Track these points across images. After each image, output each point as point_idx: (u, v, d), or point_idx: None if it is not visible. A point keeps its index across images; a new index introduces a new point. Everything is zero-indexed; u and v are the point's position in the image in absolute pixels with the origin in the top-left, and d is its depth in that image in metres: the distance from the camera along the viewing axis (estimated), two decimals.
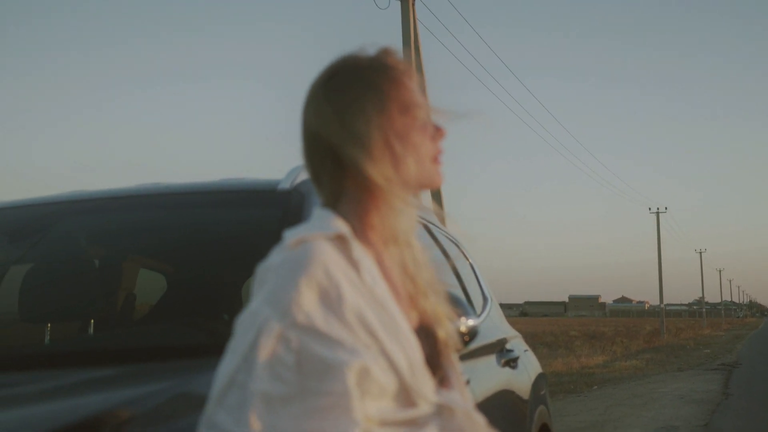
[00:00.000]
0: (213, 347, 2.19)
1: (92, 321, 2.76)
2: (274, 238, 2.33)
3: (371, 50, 1.48)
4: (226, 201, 2.83)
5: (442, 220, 3.93)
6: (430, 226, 3.48)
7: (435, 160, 1.47)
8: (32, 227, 2.88)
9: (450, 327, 1.52)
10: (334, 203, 1.45)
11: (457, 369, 1.54)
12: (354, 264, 1.37)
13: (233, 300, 2.76)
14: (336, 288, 1.31)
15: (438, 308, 1.51)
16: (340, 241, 1.38)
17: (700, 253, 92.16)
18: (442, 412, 1.41)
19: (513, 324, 4.50)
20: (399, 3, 17.23)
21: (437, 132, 1.48)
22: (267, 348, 1.26)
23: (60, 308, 2.79)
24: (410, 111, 1.44)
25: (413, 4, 17.24)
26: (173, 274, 3.08)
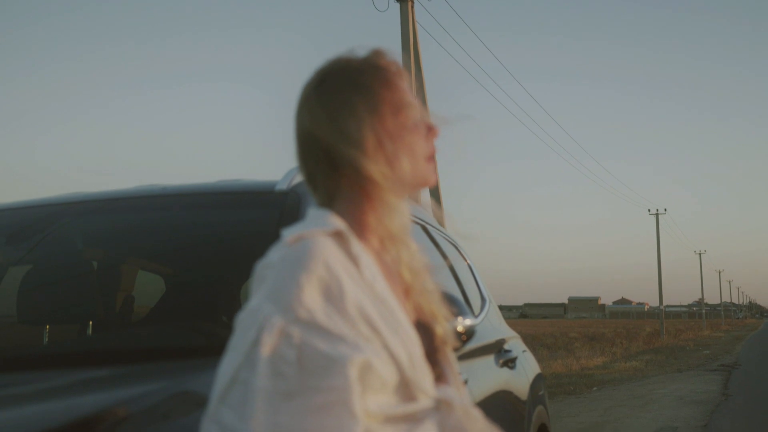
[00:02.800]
0: (209, 348, 2.20)
1: (90, 323, 2.76)
2: (272, 239, 2.34)
3: (362, 52, 1.49)
4: (223, 202, 2.83)
5: (441, 222, 3.93)
6: (428, 227, 3.48)
7: (429, 159, 1.48)
8: (31, 229, 2.88)
9: (446, 325, 1.53)
10: (329, 204, 1.47)
11: (454, 366, 1.55)
12: (353, 259, 1.38)
13: (231, 301, 2.76)
14: (337, 283, 1.32)
15: (434, 306, 1.52)
16: (338, 237, 1.39)
17: (700, 254, 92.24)
18: (440, 407, 1.42)
19: (512, 326, 4.51)
20: (398, 5, 17.27)
21: (430, 131, 1.49)
22: (269, 344, 1.27)
23: (58, 310, 2.79)
24: (402, 111, 1.45)
25: (412, 7, 17.26)
26: (171, 275, 3.09)
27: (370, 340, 1.32)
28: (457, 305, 2.21)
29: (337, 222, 1.40)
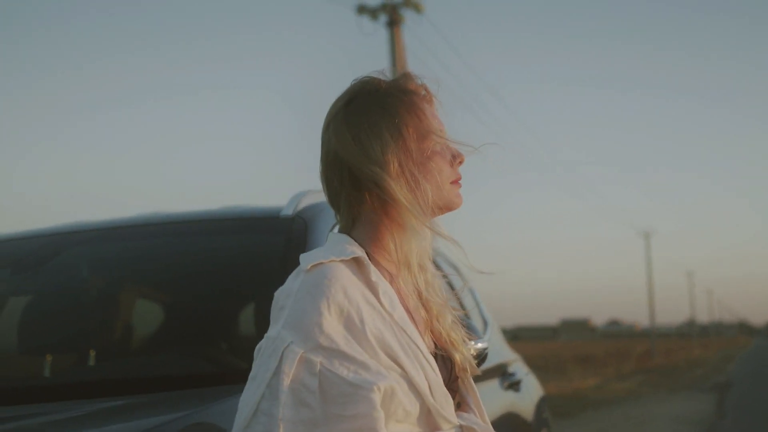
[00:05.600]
0: (218, 376, 2.18)
1: (91, 353, 2.73)
2: (279, 265, 2.33)
3: (392, 74, 1.49)
4: (228, 228, 2.82)
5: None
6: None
7: (454, 183, 1.47)
8: (32, 259, 2.86)
9: (466, 351, 1.52)
10: (350, 228, 1.46)
11: (475, 392, 1.54)
12: (371, 287, 1.37)
13: (237, 329, 2.75)
14: (357, 310, 1.31)
15: (452, 332, 1.51)
16: (356, 264, 1.38)
17: (690, 274, 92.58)
18: None
19: None
20: (384, 29, 17.33)
21: (455, 157, 1.48)
22: (290, 373, 1.25)
23: (58, 340, 2.76)
24: (428, 138, 1.45)
25: (399, 32, 17.32)
26: (173, 303, 3.06)
27: (390, 368, 1.31)
28: (472, 329, 2.20)
29: (355, 249, 1.39)
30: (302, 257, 1.39)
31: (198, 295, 2.73)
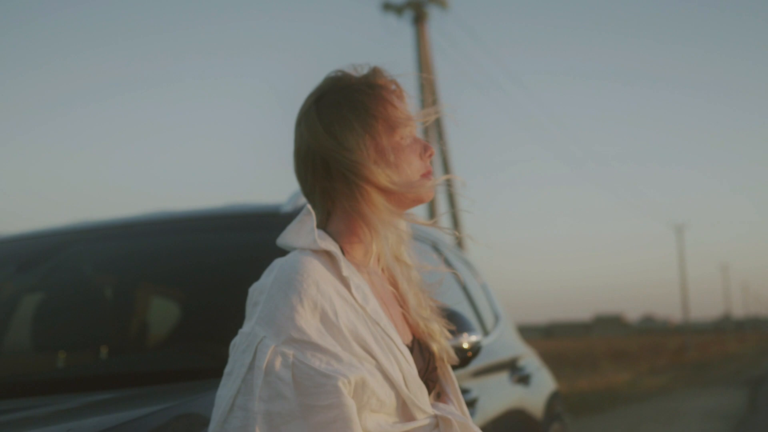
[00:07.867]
0: (216, 370, 2.22)
1: (106, 349, 2.78)
2: None
3: (363, 69, 1.50)
4: (230, 226, 2.86)
5: (459, 243, 3.91)
6: (439, 245, 3.48)
7: (425, 176, 1.49)
8: (44, 257, 2.91)
9: (444, 342, 1.53)
10: (326, 222, 1.48)
11: (454, 383, 1.55)
12: (344, 281, 1.39)
13: (238, 324, 2.78)
14: (330, 304, 1.33)
15: (430, 324, 1.52)
16: (329, 258, 1.40)
17: (724, 267, 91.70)
18: (439, 424, 1.43)
19: (537, 345, 4.49)
20: (409, 26, 17.35)
21: (426, 150, 1.49)
22: (264, 367, 1.28)
23: (72, 336, 2.81)
24: (397, 131, 1.46)
25: (425, 28, 17.34)
26: (183, 300, 3.10)
27: (364, 359, 1.33)
28: (460, 321, 2.20)
29: (328, 243, 1.41)
30: (278, 240, 1.43)
31: (201, 292, 2.77)
